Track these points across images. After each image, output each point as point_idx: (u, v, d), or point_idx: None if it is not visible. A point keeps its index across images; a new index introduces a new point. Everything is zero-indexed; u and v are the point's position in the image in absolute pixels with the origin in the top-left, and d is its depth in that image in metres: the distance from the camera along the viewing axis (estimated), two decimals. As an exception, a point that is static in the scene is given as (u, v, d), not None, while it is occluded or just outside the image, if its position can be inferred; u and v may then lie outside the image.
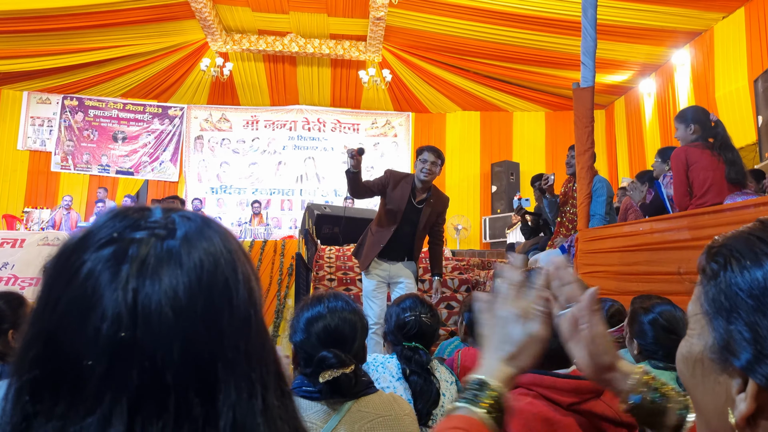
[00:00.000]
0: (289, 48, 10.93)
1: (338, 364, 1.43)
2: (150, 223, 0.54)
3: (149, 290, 0.50)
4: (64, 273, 0.52)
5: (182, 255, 0.52)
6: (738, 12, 7.60)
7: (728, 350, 0.55)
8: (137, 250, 0.51)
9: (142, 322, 0.49)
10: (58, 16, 9.19)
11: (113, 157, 12.36)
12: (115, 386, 0.48)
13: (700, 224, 3.13)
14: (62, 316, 0.50)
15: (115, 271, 0.50)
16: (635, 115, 10.53)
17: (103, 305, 0.49)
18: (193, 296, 0.51)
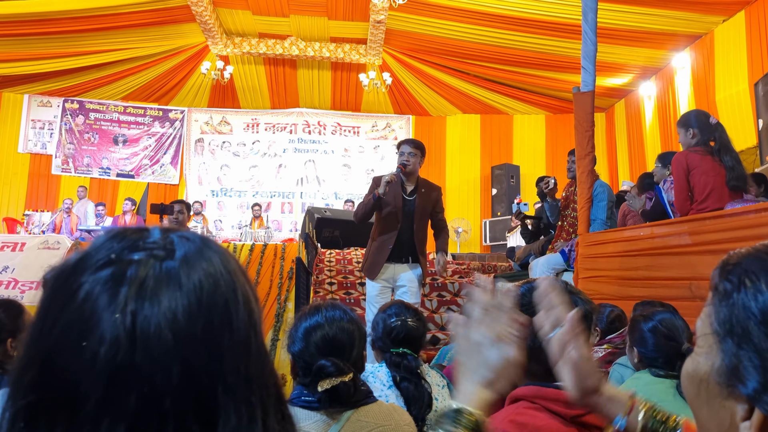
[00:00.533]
0: (290, 51, 10.94)
1: (337, 372, 1.43)
2: (149, 244, 0.54)
3: (148, 312, 0.49)
4: (62, 295, 0.51)
5: (181, 276, 0.51)
6: (738, 15, 7.60)
7: (735, 375, 0.54)
8: (136, 272, 0.50)
9: (140, 345, 0.48)
10: (59, 19, 9.20)
11: (114, 160, 12.37)
12: (113, 411, 0.47)
13: (700, 229, 3.13)
14: (59, 339, 0.49)
15: (114, 294, 0.49)
16: (635, 118, 10.53)
17: (101, 328, 0.48)
18: (192, 318, 0.50)
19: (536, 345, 1.25)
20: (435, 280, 6.74)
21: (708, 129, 3.74)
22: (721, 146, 3.68)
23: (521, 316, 0.88)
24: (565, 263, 4.53)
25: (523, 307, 1.28)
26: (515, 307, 0.88)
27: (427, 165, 12.45)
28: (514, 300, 0.89)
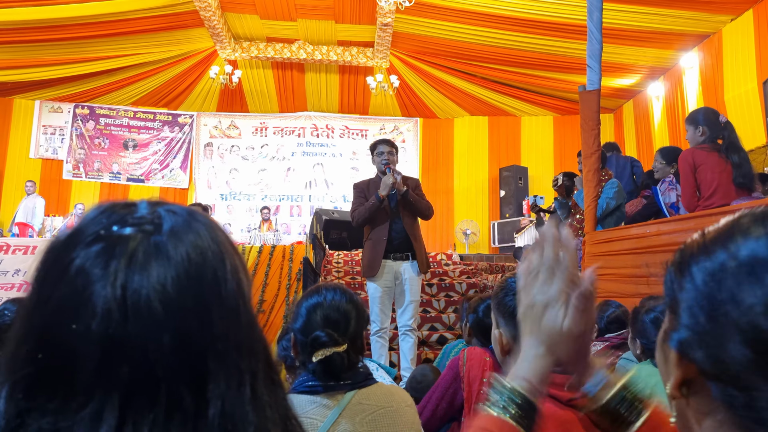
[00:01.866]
0: (297, 55, 10.99)
1: (330, 342, 1.46)
2: (136, 219, 0.55)
3: (138, 285, 0.50)
4: (54, 270, 0.52)
5: (169, 249, 0.53)
6: (746, 14, 7.57)
7: (672, 331, 0.61)
8: (125, 246, 0.52)
9: (132, 316, 0.49)
10: (69, 25, 9.30)
11: (124, 165, 12.47)
12: (107, 381, 0.49)
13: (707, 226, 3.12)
14: (53, 313, 0.50)
15: (104, 267, 0.50)
16: (644, 119, 10.49)
17: (93, 301, 0.49)
18: (181, 289, 0.52)
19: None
20: (443, 281, 6.75)
21: (716, 127, 3.74)
22: (729, 145, 3.67)
23: (580, 279, 0.80)
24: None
25: (506, 301, 1.29)
26: (574, 266, 0.81)
27: (435, 167, 12.59)
28: (574, 256, 0.82)
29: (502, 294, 1.34)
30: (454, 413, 2.27)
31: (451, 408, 2.27)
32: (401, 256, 4.27)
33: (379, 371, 2.10)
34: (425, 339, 5.36)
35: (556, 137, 12.35)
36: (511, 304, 1.30)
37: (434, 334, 5.43)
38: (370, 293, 4.32)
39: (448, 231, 11.99)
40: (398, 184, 4.18)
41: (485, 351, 2.26)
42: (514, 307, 1.29)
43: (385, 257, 4.26)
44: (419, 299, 4.39)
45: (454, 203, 12.44)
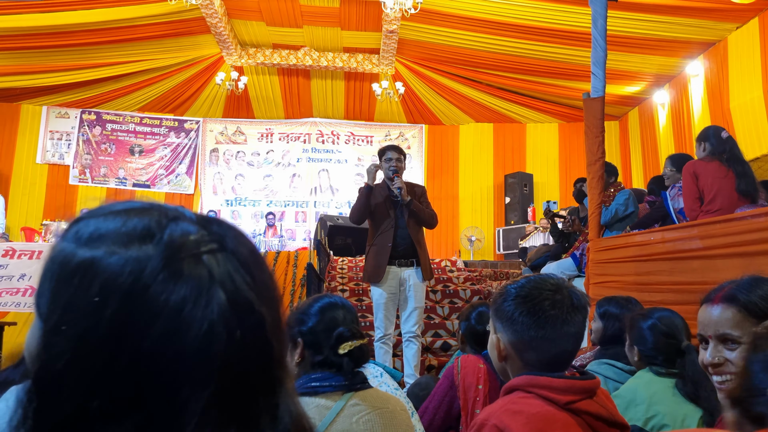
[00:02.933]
0: (303, 61, 11.03)
1: (354, 336, 1.57)
2: (197, 242, 0.53)
3: (233, 301, 0.51)
4: (142, 311, 0.49)
5: (240, 259, 0.54)
6: (752, 22, 7.56)
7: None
8: (208, 269, 0.51)
9: (233, 332, 0.50)
10: (76, 32, 9.37)
11: (130, 170, 12.52)
12: (210, 399, 0.49)
13: (711, 233, 3.11)
14: (153, 343, 0.48)
15: (198, 294, 0.50)
16: (649, 126, 10.47)
17: (199, 322, 0.49)
18: (259, 293, 0.53)
19: (529, 336, 1.28)
20: (447, 287, 6.74)
21: (719, 142, 3.88)
22: (731, 156, 3.78)
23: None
24: (576, 268, 4.52)
25: (518, 299, 1.31)
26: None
27: (441, 174, 12.60)
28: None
29: (501, 300, 1.35)
30: (452, 422, 2.27)
31: (448, 417, 2.27)
32: (406, 263, 4.28)
33: (384, 376, 2.10)
34: (429, 345, 5.35)
35: (561, 144, 12.34)
36: (510, 309, 1.31)
37: (438, 341, 5.42)
38: (375, 299, 4.31)
39: (453, 237, 11.98)
40: (403, 192, 4.21)
41: (479, 358, 2.27)
42: (513, 313, 1.30)
43: (390, 263, 4.26)
44: (423, 306, 4.39)
45: (459, 210, 12.44)
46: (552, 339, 1.27)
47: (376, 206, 4.36)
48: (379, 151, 4.55)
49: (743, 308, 1.27)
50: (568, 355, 1.32)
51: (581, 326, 1.31)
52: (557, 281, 1.35)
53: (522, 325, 1.29)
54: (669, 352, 1.88)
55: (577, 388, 1.22)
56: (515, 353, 1.31)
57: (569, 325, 1.28)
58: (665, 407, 1.78)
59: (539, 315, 1.28)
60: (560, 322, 1.27)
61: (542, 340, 1.27)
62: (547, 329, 1.27)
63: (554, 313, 1.28)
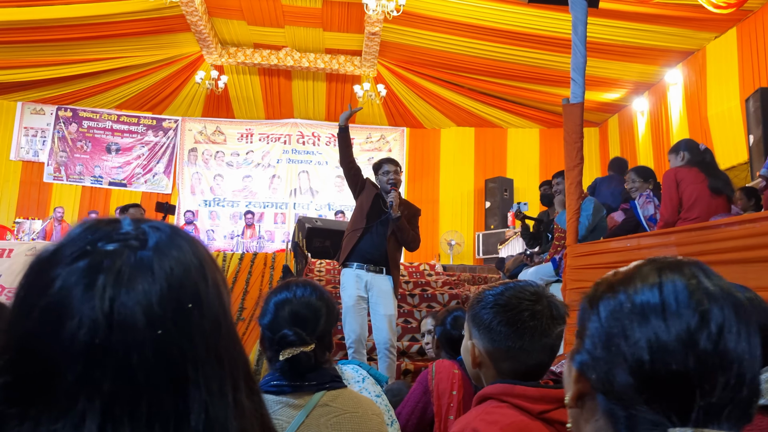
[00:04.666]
0: (285, 62, 10.96)
1: (298, 342, 1.45)
2: (121, 235, 0.57)
3: (125, 299, 0.52)
4: (38, 285, 0.54)
5: (154, 264, 0.55)
6: (730, 32, 7.65)
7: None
8: (112, 262, 0.54)
9: (117, 328, 0.51)
10: (53, 27, 9.21)
11: (106, 169, 12.34)
12: (89, 389, 0.50)
13: (687, 240, 3.12)
14: (37, 322, 0.52)
15: (91, 282, 0.52)
16: (628, 133, 10.56)
17: (80, 313, 0.51)
18: (165, 302, 0.54)
19: (506, 346, 1.24)
20: (425, 291, 6.71)
21: (696, 152, 4.02)
22: (708, 167, 3.85)
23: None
24: (554, 272, 4.51)
25: (497, 307, 1.27)
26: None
27: (421, 177, 12.59)
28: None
29: (479, 306, 1.31)
30: (425, 428, 2.23)
31: (421, 423, 2.23)
32: (375, 269, 4.23)
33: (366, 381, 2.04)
34: (405, 350, 5.31)
35: (541, 149, 12.40)
36: (487, 317, 1.28)
37: (415, 345, 5.38)
38: (344, 301, 4.24)
39: (433, 241, 11.96)
40: (394, 207, 4.17)
41: (454, 363, 2.23)
42: (491, 321, 1.26)
43: (359, 267, 4.22)
44: (395, 313, 4.30)
45: (439, 214, 12.44)
46: (529, 351, 1.25)
47: (362, 204, 4.31)
48: (375, 164, 4.51)
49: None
50: (544, 367, 1.30)
51: (559, 338, 1.29)
52: (537, 289, 1.32)
53: (499, 334, 1.26)
54: None
55: (551, 397, 1.20)
56: (490, 361, 1.28)
57: (547, 337, 1.26)
58: None
59: (518, 326, 1.25)
60: (539, 333, 1.25)
61: (519, 351, 1.25)
62: (525, 340, 1.24)
63: (533, 324, 1.25)
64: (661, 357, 0.63)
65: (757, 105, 6.13)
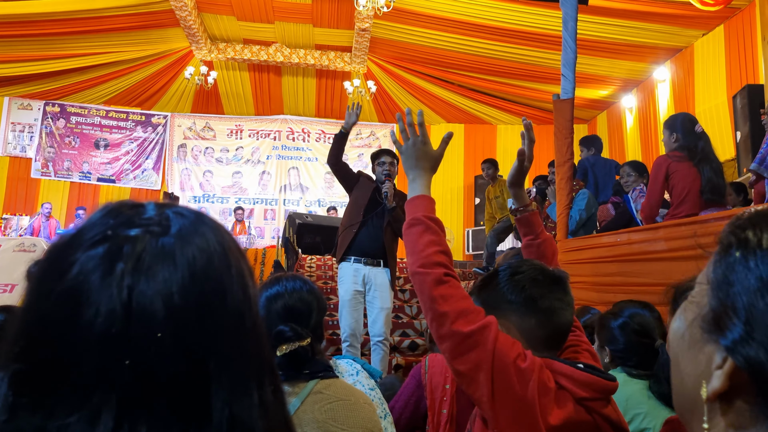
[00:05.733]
0: (274, 58, 10.93)
1: (295, 337, 1.47)
2: (144, 220, 0.55)
3: (144, 287, 0.50)
4: (55, 270, 0.51)
5: (176, 251, 0.53)
6: (717, 29, 7.71)
7: (718, 325, 0.55)
8: (132, 248, 0.52)
9: (135, 318, 0.49)
10: (41, 21, 9.12)
11: (95, 165, 12.25)
12: (105, 382, 0.48)
13: (676, 235, 3.15)
14: (53, 310, 0.50)
15: (109, 269, 0.50)
16: (617, 130, 10.63)
17: (97, 301, 0.49)
18: (186, 293, 0.51)
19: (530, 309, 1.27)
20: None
21: (692, 135, 3.79)
22: (703, 156, 3.73)
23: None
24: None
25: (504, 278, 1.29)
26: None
27: (411, 173, 12.55)
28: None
29: (493, 288, 1.33)
30: (418, 422, 2.24)
31: (414, 417, 2.24)
32: (373, 262, 4.24)
33: (360, 374, 2.05)
34: (397, 345, 5.32)
35: (531, 146, 12.43)
36: (507, 291, 1.30)
37: (406, 340, 5.40)
38: (340, 296, 4.26)
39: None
40: (389, 197, 4.18)
41: None
42: (503, 291, 1.30)
43: (357, 261, 4.22)
44: (391, 307, 4.34)
45: (429, 210, 12.44)
46: (554, 309, 1.26)
47: (357, 198, 4.33)
48: (372, 154, 4.57)
49: None
50: (568, 327, 1.31)
51: (571, 297, 1.31)
52: (534, 262, 1.38)
53: (521, 304, 1.28)
54: (643, 352, 1.81)
55: (598, 386, 1.18)
56: (519, 334, 1.26)
57: (566, 294, 1.29)
58: (644, 409, 1.74)
59: (535, 289, 1.27)
60: (556, 290, 1.28)
61: (546, 312, 1.26)
62: (548, 300, 1.26)
63: (545, 283, 1.28)
64: None
65: (745, 102, 6.18)
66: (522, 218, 1.72)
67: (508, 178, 1.76)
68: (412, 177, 1.53)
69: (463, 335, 1.16)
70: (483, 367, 1.13)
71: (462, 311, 1.19)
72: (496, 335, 1.16)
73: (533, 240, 1.68)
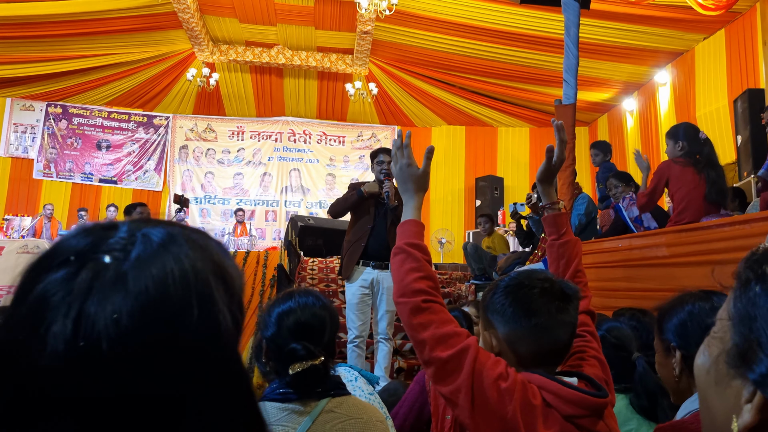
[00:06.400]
0: (276, 60, 10.95)
1: (307, 355, 1.45)
2: (109, 245, 0.51)
3: (93, 318, 0.47)
4: (22, 291, 0.50)
5: (129, 279, 0.49)
6: (718, 33, 7.73)
7: (744, 359, 0.56)
8: (88, 274, 0.48)
9: (84, 347, 0.46)
10: (43, 23, 9.15)
11: (96, 166, 12.28)
12: (48, 415, 0.46)
13: (677, 241, 3.17)
14: (10, 331, 0.48)
15: (64, 295, 0.48)
16: (618, 133, 10.65)
17: (47, 331, 0.46)
18: (135, 323, 0.47)
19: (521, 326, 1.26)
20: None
21: (696, 143, 3.84)
22: (708, 162, 3.77)
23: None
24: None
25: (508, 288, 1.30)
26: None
27: (412, 175, 12.57)
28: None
29: (491, 294, 1.33)
30: (422, 427, 2.26)
31: (418, 422, 2.26)
32: (381, 265, 4.26)
33: (358, 380, 2.07)
34: (398, 348, 5.35)
35: (531, 148, 12.47)
36: (500, 301, 1.29)
37: (407, 344, 5.42)
38: (348, 298, 4.30)
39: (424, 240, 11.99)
40: (390, 197, 4.18)
41: None
42: (503, 304, 1.29)
43: (365, 264, 4.25)
44: (395, 310, 4.38)
45: (429, 212, 12.48)
46: (545, 327, 1.24)
47: (361, 212, 4.35)
48: (371, 153, 4.54)
49: None
50: (563, 346, 1.29)
51: (575, 316, 1.29)
52: (546, 274, 1.35)
53: (513, 314, 1.26)
54: (621, 366, 1.76)
55: (587, 404, 1.18)
56: (508, 347, 1.27)
57: (564, 313, 1.26)
58: (635, 425, 1.73)
59: (529, 304, 1.26)
60: (553, 309, 1.25)
61: (535, 329, 1.24)
62: (540, 317, 1.24)
63: (544, 300, 1.26)
64: None
65: (745, 106, 6.20)
66: (548, 217, 1.71)
67: (537, 174, 1.77)
68: (404, 201, 1.56)
69: (442, 360, 1.19)
70: (462, 390, 1.16)
71: (441, 337, 1.21)
72: (474, 357, 1.18)
73: (556, 240, 1.67)
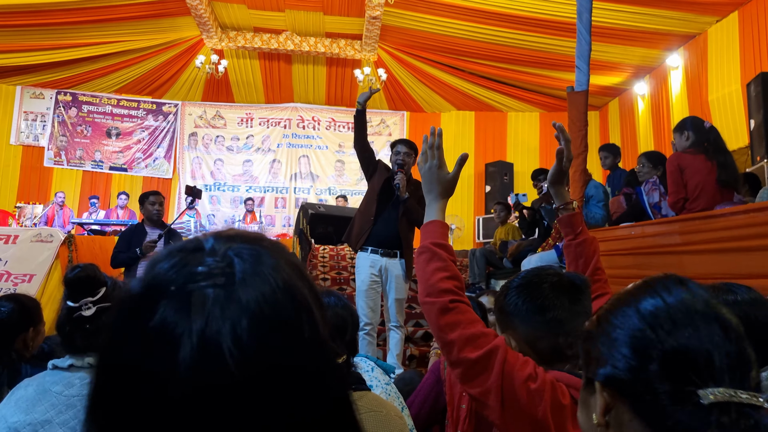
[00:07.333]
0: (285, 46, 10.92)
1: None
2: (205, 271, 0.51)
3: (217, 341, 0.48)
4: (133, 333, 0.50)
5: (243, 303, 0.50)
6: (731, 16, 7.64)
7: (589, 369, 0.81)
8: (200, 303, 0.49)
9: (211, 376, 0.47)
10: (53, 11, 9.16)
11: (107, 153, 12.33)
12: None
13: (690, 229, 3.16)
14: (134, 377, 0.48)
15: (184, 325, 0.48)
16: (629, 117, 10.57)
17: (175, 360, 0.47)
18: (257, 346, 0.49)
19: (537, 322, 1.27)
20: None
21: (702, 132, 3.84)
22: (715, 148, 3.77)
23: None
24: (558, 259, 4.57)
25: (519, 288, 1.30)
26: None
27: (421, 161, 12.55)
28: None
29: (503, 296, 1.34)
30: (438, 416, 2.28)
31: (434, 411, 2.28)
32: (390, 253, 4.28)
33: (375, 371, 2.08)
34: (410, 335, 5.38)
35: (542, 133, 12.40)
36: (512, 301, 1.30)
37: (419, 331, 5.45)
38: (357, 285, 4.32)
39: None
40: (401, 189, 4.20)
41: None
42: (516, 303, 1.30)
43: (374, 251, 4.27)
44: (404, 297, 4.40)
45: (439, 197, 12.46)
46: (560, 320, 1.25)
47: (373, 187, 4.38)
48: (391, 143, 4.57)
49: None
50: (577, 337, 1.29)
51: (588, 306, 1.30)
52: (555, 269, 1.36)
53: (528, 312, 1.27)
54: None
55: None
56: (528, 346, 1.28)
57: (576, 304, 1.26)
58: None
59: (542, 299, 1.26)
60: (566, 301, 1.26)
61: (551, 323, 1.25)
62: (554, 311, 1.25)
63: (556, 294, 1.26)
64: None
65: (758, 90, 6.13)
66: (563, 218, 1.73)
67: (548, 177, 1.78)
68: (427, 201, 1.57)
69: (470, 361, 1.18)
70: (492, 391, 1.15)
71: (469, 338, 1.20)
72: (503, 358, 1.16)
73: (572, 240, 1.68)
